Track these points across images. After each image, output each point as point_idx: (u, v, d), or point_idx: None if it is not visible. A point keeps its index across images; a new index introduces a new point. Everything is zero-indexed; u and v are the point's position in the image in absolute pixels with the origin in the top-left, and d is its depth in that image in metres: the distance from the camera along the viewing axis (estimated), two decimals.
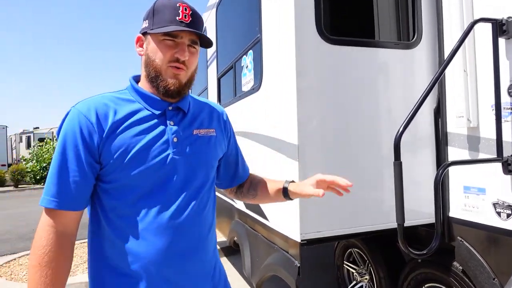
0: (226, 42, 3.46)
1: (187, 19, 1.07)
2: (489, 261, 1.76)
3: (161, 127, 1.10)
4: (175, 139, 1.10)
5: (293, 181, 1.28)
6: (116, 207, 1.06)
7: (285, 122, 2.06)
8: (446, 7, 1.99)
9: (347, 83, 2.00)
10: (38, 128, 24.23)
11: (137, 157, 1.04)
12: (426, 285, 2.14)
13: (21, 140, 23.59)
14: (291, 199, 1.28)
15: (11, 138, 24.93)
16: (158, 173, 1.07)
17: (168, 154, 1.08)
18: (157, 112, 1.11)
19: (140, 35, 1.13)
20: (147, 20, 1.10)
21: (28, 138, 22.46)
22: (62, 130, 1.05)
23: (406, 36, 2.21)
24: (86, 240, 1.13)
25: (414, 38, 2.13)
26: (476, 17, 1.75)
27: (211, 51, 3.91)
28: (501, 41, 1.66)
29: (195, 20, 1.09)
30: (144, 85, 1.14)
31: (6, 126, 20.90)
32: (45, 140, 17.35)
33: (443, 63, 1.67)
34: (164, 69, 1.08)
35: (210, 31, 3.82)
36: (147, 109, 1.10)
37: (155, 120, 1.10)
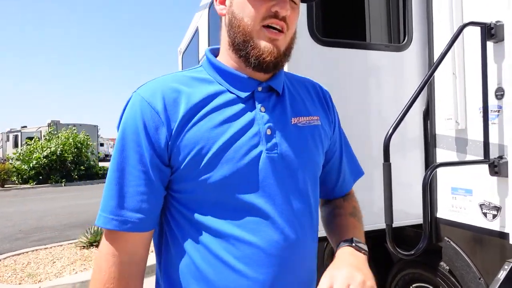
0: (218, 43, 3.45)
1: None
2: (475, 261, 1.79)
3: (249, 115, 0.80)
4: (268, 131, 0.80)
5: (351, 244, 0.82)
6: (194, 227, 0.79)
7: None
8: (436, 10, 2.02)
9: (338, 84, 2.01)
10: (26, 127, 23.85)
11: (218, 157, 0.76)
12: (413, 285, 2.16)
13: (8, 139, 23.19)
14: None
15: None
16: (247, 179, 0.77)
17: (261, 152, 0.79)
18: (244, 95, 0.82)
19: None
20: None
21: (16, 137, 22.07)
22: (122, 123, 0.79)
23: (397, 38, 2.23)
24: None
25: (405, 41, 2.15)
26: (466, 20, 1.77)
27: (203, 50, 3.90)
28: (490, 44, 1.69)
29: None
30: (225, 59, 0.86)
31: None
32: (33, 139, 17.04)
33: (432, 66, 1.69)
34: (256, 30, 0.78)
35: (202, 32, 3.81)
36: (229, 91, 0.82)
37: (241, 105, 0.81)
